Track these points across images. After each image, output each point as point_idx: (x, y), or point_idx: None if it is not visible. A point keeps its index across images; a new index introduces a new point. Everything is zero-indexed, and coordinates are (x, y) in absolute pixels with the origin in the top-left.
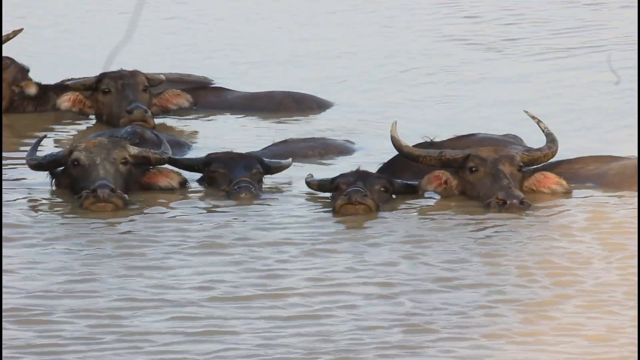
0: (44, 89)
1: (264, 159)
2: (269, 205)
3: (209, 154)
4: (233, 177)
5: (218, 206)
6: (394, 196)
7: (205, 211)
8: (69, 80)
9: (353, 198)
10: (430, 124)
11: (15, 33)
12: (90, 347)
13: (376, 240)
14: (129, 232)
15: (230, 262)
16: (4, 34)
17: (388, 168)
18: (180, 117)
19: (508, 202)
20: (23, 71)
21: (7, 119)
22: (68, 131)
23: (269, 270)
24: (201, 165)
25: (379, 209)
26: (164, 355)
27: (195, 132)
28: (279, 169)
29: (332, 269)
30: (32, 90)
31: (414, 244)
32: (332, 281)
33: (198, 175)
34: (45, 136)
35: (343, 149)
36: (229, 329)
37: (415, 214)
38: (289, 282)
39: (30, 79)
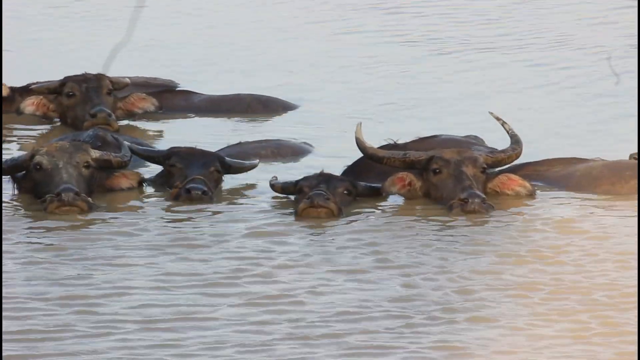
0: (9, 90)
1: (226, 157)
2: (227, 205)
3: (171, 148)
4: (189, 174)
5: (175, 206)
6: (357, 198)
7: (163, 212)
8: (34, 83)
9: (315, 201)
10: (392, 126)
11: None
12: (65, 335)
13: (337, 236)
14: (86, 231)
15: (197, 258)
16: None
17: (352, 170)
18: (146, 120)
19: (470, 202)
20: None
21: None
22: (16, 133)
23: (230, 263)
24: (161, 157)
25: (342, 212)
26: (137, 342)
27: (160, 133)
28: (241, 169)
29: (294, 263)
30: (5, 93)
31: (376, 242)
32: (293, 270)
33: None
34: (1, 140)
35: (297, 150)
36: (203, 315)
37: (379, 214)
38: (255, 272)
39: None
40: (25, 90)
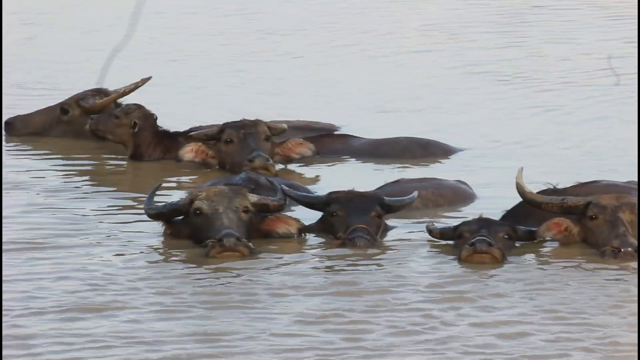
0: (173, 135)
1: (385, 198)
2: (386, 252)
3: (329, 193)
4: (350, 222)
5: (333, 256)
6: (517, 243)
7: (318, 259)
8: (194, 129)
9: (478, 247)
10: (545, 168)
11: (144, 81)
12: None
13: (497, 287)
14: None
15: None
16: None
17: (512, 214)
18: (303, 164)
19: (622, 250)
20: (150, 118)
21: (132, 165)
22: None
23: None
24: (321, 204)
25: (505, 258)
26: None
27: (317, 177)
28: (401, 206)
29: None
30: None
31: (533, 289)
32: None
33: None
34: (160, 185)
35: (457, 190)
36: None
37: (533, 261)
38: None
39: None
40: (186, 136)
